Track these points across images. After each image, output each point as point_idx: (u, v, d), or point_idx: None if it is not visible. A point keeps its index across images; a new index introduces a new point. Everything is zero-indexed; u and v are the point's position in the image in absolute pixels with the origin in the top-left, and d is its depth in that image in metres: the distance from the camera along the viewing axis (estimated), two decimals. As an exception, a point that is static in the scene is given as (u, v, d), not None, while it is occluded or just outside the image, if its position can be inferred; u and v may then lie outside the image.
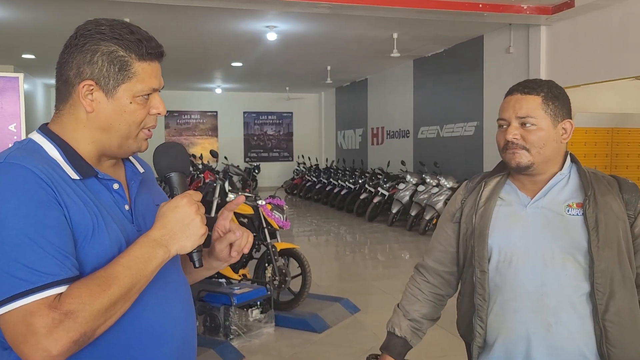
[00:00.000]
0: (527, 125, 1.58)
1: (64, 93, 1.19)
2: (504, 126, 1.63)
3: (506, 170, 1.72)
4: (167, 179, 1.21)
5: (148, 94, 1.20)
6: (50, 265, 1.02)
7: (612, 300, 1.52)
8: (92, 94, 1.16)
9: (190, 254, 1.18)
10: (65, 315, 0.99)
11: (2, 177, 1.05)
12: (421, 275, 1.86)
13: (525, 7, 7.76)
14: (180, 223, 1.13)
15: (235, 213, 5.35)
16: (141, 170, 1.34)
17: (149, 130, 1.23)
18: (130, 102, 1.17)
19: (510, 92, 1.65)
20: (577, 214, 1.57)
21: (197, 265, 1.19)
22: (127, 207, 1.23)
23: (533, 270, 1.59)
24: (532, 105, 1.58)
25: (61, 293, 1.02)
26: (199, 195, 1.18)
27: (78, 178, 1.14)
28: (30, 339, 0.98)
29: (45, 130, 1.20)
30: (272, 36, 9.58)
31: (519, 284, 1.60)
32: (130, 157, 1.35)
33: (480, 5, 7.53)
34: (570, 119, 1.64)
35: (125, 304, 1.08)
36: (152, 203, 1.29)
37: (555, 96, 1.60)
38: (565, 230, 1.58)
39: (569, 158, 1.67)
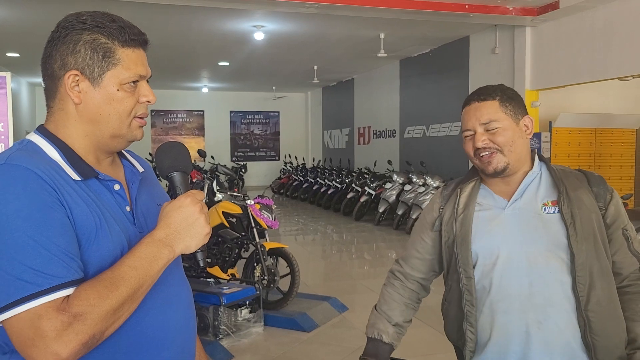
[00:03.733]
0: (492, 129, 1.64)
1: (51, 88, 1.18)
2: (470, 135, 1.68)
3: (478, 174, 1.77)
4: (169, 179, 1.21)
5: (135, 81, 1.18)
6: (57, 267, 1.00)
7: (593, 291, 1.57)
8: (78, 84, 1.14)
9: (194, 254, 1.17)
10: (74, 318, 0.98)
11: (3, 178, 1.04)
12: (399, 280, 1.89)
13: (510, 8, 7.84)
14: (185, 223, 1.12)
15: (223, 212, 5.35)
16: (140, 169, 1.32)
17: (141, 118, 1.21)
18: (118, 90, 1.15)
19: (467, 103, 1.70)
20: (554, 212, 1.63)
21: (201, 265, 1.20)
22: (128, 208, 1.21)
23: (518, 271, 1.62)
24: (492, 109, 1.65)
25: (68, 295, 1.00)
26: (202, 195, 1.17)
27: (79, 179, 1.13)
28: (38, 342, 0.96)
29: (42, 130, 1.19)
30: (259, 36, 9.58)
31: (505, 286, 1.63)
32: (129, 156, 1.33)
33: (467, 6, 7.59)
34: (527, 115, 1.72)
35: (132, 305, 1.06)
36: (153, 203, 1.28)
37: (509, 97, 1.68)
38: (545, 228, 1.62)
39: (536, 157, 1.73)
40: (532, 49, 8.56)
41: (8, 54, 11.44)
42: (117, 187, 1.20)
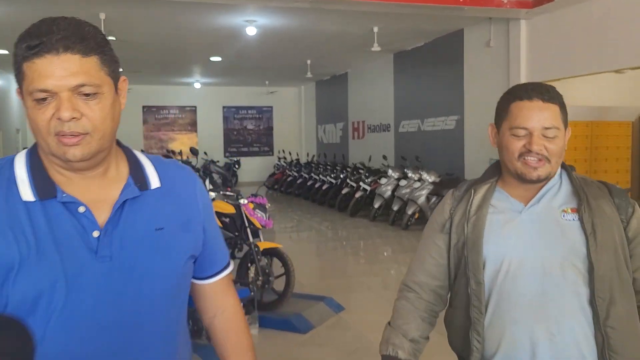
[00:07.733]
0: (552, 136, 1.54)
1: None
2: (522, 135, 1.55)
3: (495, 176, 1.68)
4: None
5: (43, 98, 1.02)
6: None
7: (613, 307, 1.49)
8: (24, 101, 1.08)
9: None
10: None
11: None
12: (413, 292, 1.74)
13: (505, 1, 7.75)
14: None
15: (216, 212, 5.25)
16: (156, 184, 1.19)
17: (65, 136, 1.03)
18: (29, 106, 1.05)
19: (528, 97, 1.56)
20: (573, 219, 1.55)
21: None
22: (95, 233, 1.09)
23: (532, 279, 1.54)
24: (555, 114, 1.56)
25: None
26: None
27: (33, 200, 1.06)
28: None
29: (35, 145, 1.14)
30: (251, 30, 9.47)
31: (518, 294, 1.55)
32: (149, 170, 1.20)
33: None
34: None
35: None
36: (147, 227, 1.15)
37: (564, 104, 1.59)
38: (563, 236, 1.54)
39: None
40: (527, 42, 8.48)
41: (-4, 51, 11.28)
42: (81, 209, 1.09)
